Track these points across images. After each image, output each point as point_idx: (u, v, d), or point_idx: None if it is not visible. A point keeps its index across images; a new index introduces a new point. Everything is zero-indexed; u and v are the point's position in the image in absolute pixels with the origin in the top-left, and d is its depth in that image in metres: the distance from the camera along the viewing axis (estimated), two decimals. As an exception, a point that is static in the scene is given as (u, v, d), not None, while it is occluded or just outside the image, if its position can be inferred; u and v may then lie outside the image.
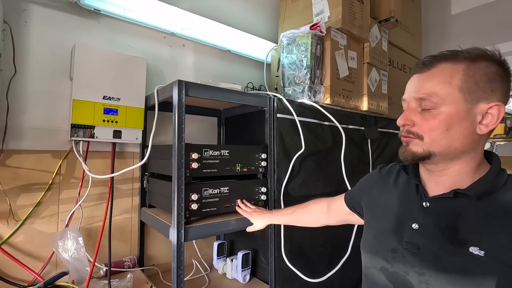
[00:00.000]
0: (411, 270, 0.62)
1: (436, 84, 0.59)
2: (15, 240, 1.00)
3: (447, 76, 0.59)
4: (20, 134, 1.02)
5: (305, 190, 1.20)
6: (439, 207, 0.62)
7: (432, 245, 0.60)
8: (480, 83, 0.57)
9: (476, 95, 0.57)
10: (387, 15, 1.55)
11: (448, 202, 0.61)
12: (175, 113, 0.90)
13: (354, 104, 1.39)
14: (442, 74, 0.60)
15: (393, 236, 0.67)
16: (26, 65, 1.03)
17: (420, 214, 0.64)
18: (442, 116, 0.59)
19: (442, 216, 0.61)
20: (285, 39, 1.33)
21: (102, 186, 1.16)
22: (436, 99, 0.59)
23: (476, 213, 0.58)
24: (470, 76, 0.58)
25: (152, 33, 1.32)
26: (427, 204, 0.64)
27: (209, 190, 0.98)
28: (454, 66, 0.59)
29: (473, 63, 0.58)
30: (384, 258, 0.67)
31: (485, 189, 0.58)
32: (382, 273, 0.67)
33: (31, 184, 1.03)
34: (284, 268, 1.09)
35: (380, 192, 0.77)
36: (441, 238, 0.59)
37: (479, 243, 0.55)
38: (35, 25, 1.05)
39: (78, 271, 0.98)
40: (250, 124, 1.32)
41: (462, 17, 2.12)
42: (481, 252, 0.54)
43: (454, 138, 0.59)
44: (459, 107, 0.58)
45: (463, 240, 0.57)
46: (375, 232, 0.74)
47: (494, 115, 0.57)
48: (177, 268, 0.88)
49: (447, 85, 0.58)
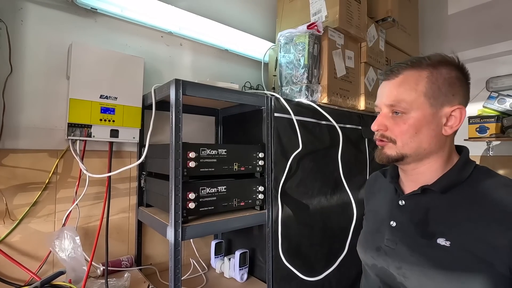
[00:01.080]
0: (391, 265, 0.66)
1: (404, 91, 0.64)
2: (12, 239, 0.99)
3: (413, 83, 0.63)
4: (16, 133, 1.01)
5: (303, 189, 1.20)
6: (412, 204, 0.67)
7: (407, 240, 0.65)
8: (443, 88, 0.62)
9: (440, 100, 0.62)
10: (384, 15, 1.56)
11: (419, 198, 0.66)
12: (172, 112, 0.90)
13: (351, 103, 1.39)
14: (408, 81, 0.64)
15: (378, 234, 0.72)
16: (22, 64, 1.03)
17: (397, 212, 0.69)
18: (411, 121, 0.63)
19: (415, 212, 0.66)
20: (283, 38, 1.33)
21: (99, 185, 1.15)
22: (404, 105, 0.63)
23: (443, 206, 0.62)
24: (433, 82, 0.62)
25: (149, 32, 1.32)
26: (402, 202, 0.69)
27: (206, 189, 0.98)
28: (418, 73, 0.63)
29: (435, 69, 0.63)
30: (371, 256, 0.72)
31: (449, 183, 0.63)
32: (372, 269, 0.73)
33: (28, 184, 1.02)
34: (281, 267, 1.09)
35: (372, 201, 0.84)
36: (414, 233, 0.64)
37: (446, 234, 0.59)
38: (31, 23, 1.05)
39: (75, 271, 0.98)
40: (247, 124, 1.32)
41: (459, 17, 2.13)
42: (447, 242, 0.58)
43: (423, 140, 0.63)
44: (425, 111, 0.63)
45: (431, 233, 0.61)
46: (365, 233, 0.81)
47: (457, 117, 0.62)
48: (175, 267, 0.88)
49: (413, 91, 0.63)
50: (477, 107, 1.93)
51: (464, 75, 0.64)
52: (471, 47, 1.98)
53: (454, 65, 0.63)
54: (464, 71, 0.64)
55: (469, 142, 1.79)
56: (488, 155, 1.88)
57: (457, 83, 0.62)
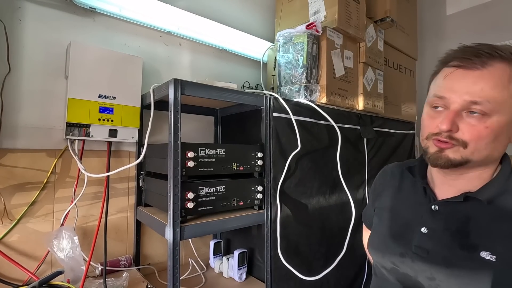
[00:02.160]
0: (421, 275, 0.61)
1: (494, 87, 0.52)
2: (10, 239, 0.99)
3: (505, 80, 0.52)
4: (14, 133, 1.01)
5: (301, 189, 1.20)
6: (448, 211, 0.61)
7: (442, 250, 0.59)
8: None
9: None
10: (383, 15, 1.56)
11: (458, 206, 0.59)
12: (171, 112, 0.90)
13: (350, 103, 1.39)
14: (500, 76, 0.52)
15: (401, 240, 0.66)
16: (20, 63, 1.02)
17: (429, 218, 0.62)
18: (494, 125, 0.53)
19: (452, 220, 0.60)
20: (282, 38, 1.33)
21: (97, 185, 1.15)
22: (492, 105, 0.52)
23: (487, 217, 0.56)
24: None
25: (148, 32, 1.32)
26: (436, 207, 0.62)
27: (205, 188, 0.98)
28: (500, 66, 0.52)
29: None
30: (392, 261, 0.66)
31: (495, 193, 0.57)
32: (392, 274, 0.67)
33: (26, 183, 1.02)
34: (280, 267, 1.09)
35: (386, 196, 0.76)
36: (451, 243, 0.58)
37: (491, 248, 0.54)
38: (29, 23, 1.04)
39: (73, 270, 0.98)
40: (246, 123, 1.32)
41: (457, 18, 2.14)
42: (493, 257, 0.53)
43: (496, 148, 0.55)
44: (509, 116, 0.53)
45: (474, 245, 0.55)
46: (382, 235, 0.72)
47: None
48: (173, 267, 0.88)
49: (504, 90, 0.52)
50: (475, 107, 1.94)
51: None
52: (469, 47, 1.98)
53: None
54: None
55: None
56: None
57: None
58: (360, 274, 1.44)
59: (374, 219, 0.79)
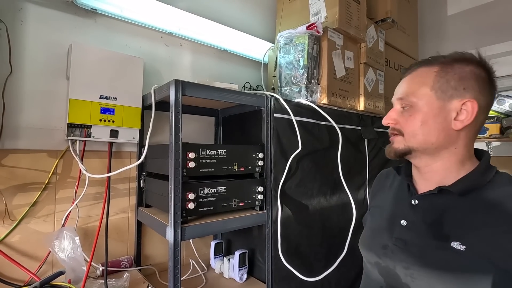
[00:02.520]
0: (398, 265, 0.65)
1: (412, 85, 0.66)
2: (11, 239, 0.99)
3: (422, 77, 0.65)
4: (16, 133, 1.01)
5: (302, 190, 1.20)
6: (426, 204, 0.65)
7: (418, 240, 0.63)
8: (452, 81, 0.62)
9: (448, 93, 0.62)
10: (384, 16, 1.56)
11: (435, 198, 0.64)
12: (172, 112, 0.91)
13: (351, 104, 1.39)
14: (418, 76, 0.66)
15: (385, 233, 0.70)
16: (22, 64, 1.03)
17: (409, 211, 0.67)
18: (417, 113, 0.64)
19: (429, 212, 0.64)
20: (282, 39, 1.33)
21: (98, 185, 1.15)
22: (411, 97, 0.65)
23: (461, 209, 0.60)
24: (441, 76, 0.63)
25: (149, 33, 1.32)
26: (415, 201, 0.67)
27: (206, 189, 0.98)
28: (428, 69, 0.65)
29: (447, 65, 0.63)
30: (376, 254, 0.71)
31: (469, 186, 0.61)
32: (375, 268, 0.71)
33: (27, 184, 1.02)
34: (281, 267, 1.09)
35: (380, 196, 0.82)
36: (426, 234, 0.62)
37: (461, 238, 0.57)
38: (31, 24, 1.05)
39: (74, 271, 0.98)
40: (247, 124, 1.32)
41: (458, 18, 2.13)
42: (462, 247, 0.56)
43: (429, 133, 0.63)
44: (432, 104, 0.63)
45: (446, 235, 0.59)
46: (370, 230, 0.78)
47: (468, 111, 0.60)
48: (174, 268, 0.88)
49: (420, 85, 0.65)
50: (477, 108, 1.93)
51: (484, 70, 0.62)
52: (470, 48, 1.95)
53: (470, 61, 0.62)
54: (485, 67, 0.63)
55: (469, 142, 1.79)
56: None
57: (471, 77, 0.61)
58: (360, 274, 1.43)
59: (368, 218, 0.84)
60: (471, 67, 0.62)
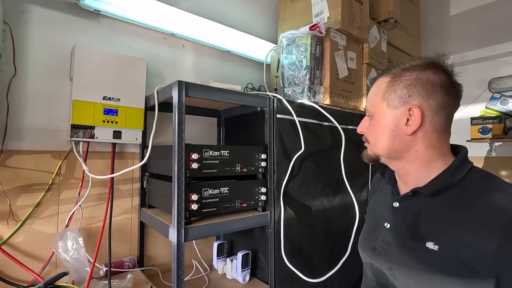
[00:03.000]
0: (384, 265, 0.68)
1: (371, 96, 0.71)
2: (15, 240, 1.00)
3: (376, 89, 0.70)
4: (20, 134, 1.02)
5: (305, 191, 1.20)
6: (405, 206, 0.68)
7: (398, 242, 0.66)
8: (398, 90, 0.65)
9: (396, 102, 0.65)
10: (386, 16, 1.56)
11: (412, 201, 0.67)
12: (175, 113, 0.91)
13: (354, 104, 1.39)
14: (375, 87, 0.71)
15: (373, 235, 0.74)
16: (26, 65, 1.03)
17: (391, 214, 0.70)
18: (374, 123, 0.69)
19: (407, 214, 0.67)
20: (285, 39, 1.33)
21: (102, 186, 1.16)
22: (370, 108, 0.71)
23: (433, 210, 0.63)
24: (390, 86, 0.66)
25: (151, 34, 1.32)
26: (396, 204, 0.70)
27: (209, 190, 0.98)
28: (382, 80, 0.69)
29: (396, 74, 0.66)
30: (368, 255, 0.74)
31: (439, 187, 0.62)
32: (369, 268, 0.75)
33: (31, 185, 1.03)
34: (283, 268, 1.09)
35: (374, 198, 0.86)
36: (405, 235, 0.65)
37: (434, 238, 0.59)
38: (35, 25, 1.05)
39: (78, 272, 0.98)
40: (249, 125, 1.32)
41: (461, 18, 2.13)
42: (436, 246, 0.58)
43: (386, 140, 0.67)
44: (383, 113, 0.67)
45: (421, 236, 0.62)
46: (364, 232, 0.82)
47: (415, 116, 0.63)
48: (177, 269, 0.88)
49: (376, 96, 0.69)
50: (480, 108, 1.93)
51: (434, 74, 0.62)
52: (473, 48, 1.98)
53: (419, 67, 0.64)
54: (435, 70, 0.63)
55: (472, 143, 1.79)
56: (491, 156, 1.88)
57: (416, 84, 0.63)
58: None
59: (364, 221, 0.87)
60: (417, 73, 0.64)
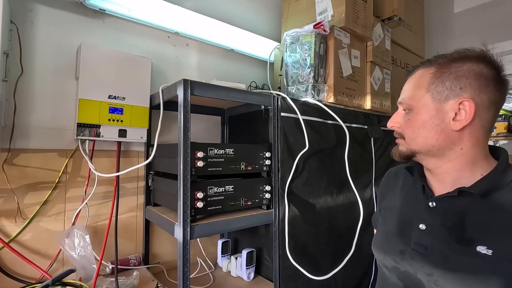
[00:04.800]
0: (419, 271, 0.62)
1: (409, 88, 0.67)
2: (23, 238, 1.01)
3: (417, 79, 0.65)
4: (27, 133, 1.03)
5: (309, 189, 1.21)
6: (445, 207, 0.62)
7: (440, 245, 0.60)
8: (447, 82, 0.60)
9: (443, 94, 0.61)
10: (390, 14, 1.55)
11: (454, 201, 0.61)
12: (181, 112, 0.91)
13: (358, 102, 1.39)
14: (415, 78, 0.66)
15: (401, 237, 0.68)
16: (32, 65, 1.04)
17: (427, 214, 0.64)
18: (415, 116, 0.64)
19: (449, 215, 0.61)
20: (289, 38, 1.33)
21: (107, 184, 1.17)
22: (408, 101, 0.65)
23: (483, 211, 0.58)
24: (437, 78, 0.62)
25: (156, 33, 1.33)
26: (433, 204, 0.64)
27: (214, 188, 0.99)
28: (426, 70, 0.64)
29: (443, 65, 0.62)
30: (393, 259, 0.68)
31: (490, 187, 0.58)
32: (393, 272, 0.69)
33: (38, 183, 1.04)
34: (288, 266, 1.10)
35: (390, 197, 0.79)
36: (448, 238, 0.59)
37: (487, 242, 0.54)
38: (41, 25, 1.06)
39: (85, 269, 1.00)
40: (253, 123, 1.33)
41: (465, 16, 2.11)
42: (489, 251, 0.54)
43: (428, 136, 0.62)
44: (428, 106, 0.62)
45: (470, 239, 0.56)
46: (384, 233, 0.75)
47: (466, 111, 0.59)
48: (183, 266, 0.89)
49: (417, 88, 0.64)
50: (484, 106, 1.92)
51: (488, 67, 0.59)
52: (477, 45, 1.95)
53: (470, 58, 0.60)
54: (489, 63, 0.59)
55: (476, 141, 1.78)
56: (495, 154, 1.87)
57: (468, 75, 0.59)
58: (367, 274, 1.43)
59: (379, 220, 0.81)
60: (469, 65, 0.59)
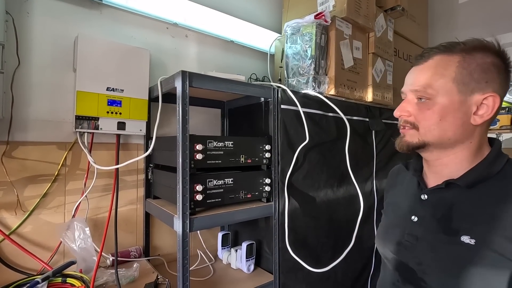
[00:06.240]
0: (411, 261, 0.65)
1: (431, 76, 0.61)
2: (23, 230, 1.01)
3: (442, 68, 0.60)
4: (25, 126, 1.02)
5: (309, 182, 1.20)
6: (436, 199, 0.64)
7: (429, 236, 0.62)
8: (475, 74, 0.57)
9: (470, 86, 0.58)
10: (393, 4, 1.52)
11: (443, 193, 0.63)
12: (179, 104, 0.90)
13: (359, 95, 1.37)
14: (437, 66, 0.60)
15: (398, 229, 0.70)
16: (29, 56, 1.03)
17: (419, 207, 0.67)
18: (436, 107, 0.60)
19: (439, 207, 0.63)
20: (289, 29, 1.31)
21: (107, 177, 1.17)
22: (431, 90, 0.60)
23: (469, 202, 0.59)
24: (464, 68, 0.58)
25: (154, 24, 1.31)
26: (425, 196, 0.66)
27: (213, 181, 0.98)
28: (449, 58, 0.60)
29: (468, 54, 0.58)
30: (391, 250, 0.70)
31: (476, 178, 0.59)
32: (392, 263, 0.71)
33: (38, 176, 1.04)
34: (288, 258, 1.10)
35: (392, 194, 0.82)
36: (437, 229, 0.62)
37: (471, 232, 0.56)
38: (37, 16, 1.04)
39: (85, 261, 1.00)
40: (253, 116, 1.31)
41: (469, 6, 2.07)
42: (472, 240, 0.56)
43: (447, 128, 0.60)
44: (453, 98, 0.59)
45: (455, 230, 0.58)
46: (384, 227, 0.78)
47: (489, 106, 0.57)
48: (183, 258, 0.89)
49: (441, 76, 0.59)
50: (487, 99, 1.89)
51: (503, 62, 0.59)
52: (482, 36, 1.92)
53: (491, 50, 0.59)
54: (504, 58, 0.59)
55: (478, 134, 1.76)
56: (498, 147, 1.85)
57: (493, 69, 0.58)
58: (367, 266, 1.44)
59: (382, 215, 0.83)
60: (493, 58, 0.58)
